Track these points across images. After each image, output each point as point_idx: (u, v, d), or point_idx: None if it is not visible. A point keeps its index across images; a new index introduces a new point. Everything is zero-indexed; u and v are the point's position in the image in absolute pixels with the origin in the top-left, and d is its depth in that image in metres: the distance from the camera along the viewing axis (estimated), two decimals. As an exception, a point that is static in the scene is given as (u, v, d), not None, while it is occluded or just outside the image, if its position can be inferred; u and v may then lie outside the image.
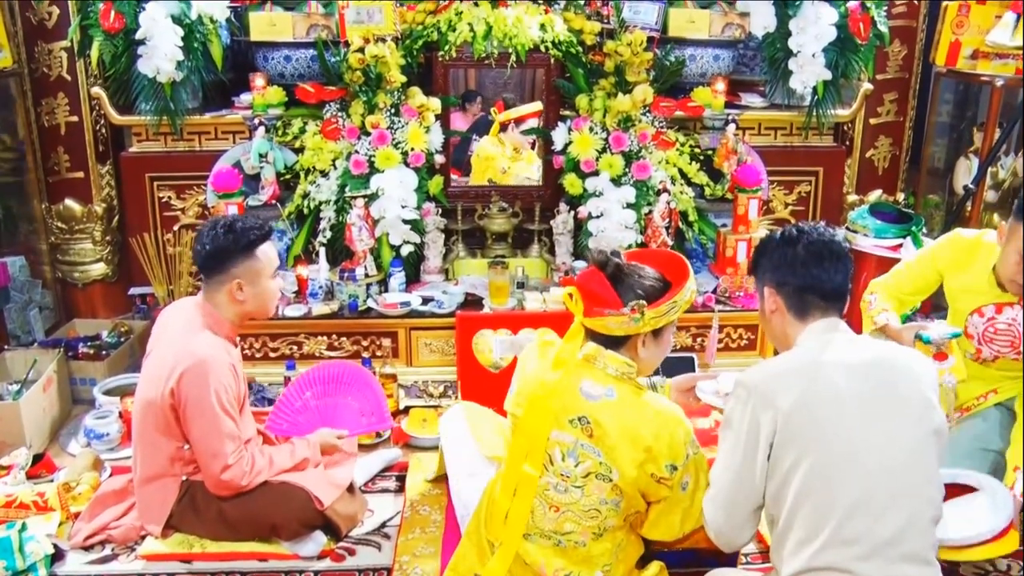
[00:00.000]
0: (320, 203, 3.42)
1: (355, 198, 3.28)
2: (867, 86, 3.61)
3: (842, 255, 1.82)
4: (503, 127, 3.50)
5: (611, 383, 1.86)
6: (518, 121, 3.57)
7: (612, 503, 1.88)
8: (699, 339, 3.36)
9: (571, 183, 3.44)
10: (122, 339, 3.48)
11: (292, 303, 3.32)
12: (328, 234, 3.41)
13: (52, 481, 2.65)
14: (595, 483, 1.86)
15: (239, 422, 2.27)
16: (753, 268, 1.96)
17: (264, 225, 2.34)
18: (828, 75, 3.42)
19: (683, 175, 3.53)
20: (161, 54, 3.21)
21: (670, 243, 3.37)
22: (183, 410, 2.21)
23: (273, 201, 3.47)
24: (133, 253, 3.51)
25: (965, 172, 3.84)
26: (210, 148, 3.54)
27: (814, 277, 1.81)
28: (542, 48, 3.37)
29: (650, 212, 3.39)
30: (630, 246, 3.34)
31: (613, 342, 1.87)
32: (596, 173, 3.41)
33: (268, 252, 2.34)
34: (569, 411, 1.82)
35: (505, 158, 3.59)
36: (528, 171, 3.55)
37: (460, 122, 3.59)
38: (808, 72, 3.41)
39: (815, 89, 3.45)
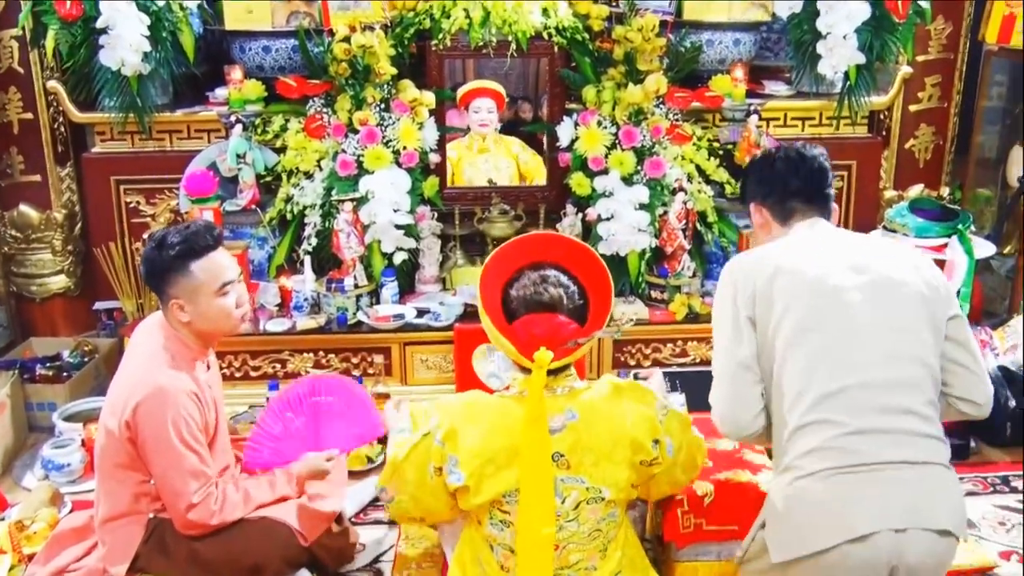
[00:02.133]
0: (304, 208, 3.57)
1: (342, 202, 3.42)
2: (906, 69, 3.76)
3: (815, 162, 2.18)
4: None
5: (566, 404, 1.99)
6: (519, 118, 3.76)
7: (610, 517, 2.05)
8: None
9: (578, 183, 3.59)
10: (85, 359, 3.55)
11: (275, 317, 3.47)
12: (313, 241, 3.55)
13: (3, 519, 2.65)
14: (588, 509, 2.01)
15: (205, 456, 2.30)
16: (742, 194, 2.33)
17: (201, 235, 2.34)
18: (861, 58, 3.54)
19: (701, 172, 3.68)
20: (125, 44, 3.33)
21: (687, 246, 3.57)
22: (141, 445, 2.25)
23: (252, 206, 3.63)
24: (98, 264, 3.67)
25: (1020, 162, 3.93)
26: (182, 148, 3.72)
27: (792, 184, 2.16)
28: (545, 35, 3.52)
29: (665, 213, 3.54)
30: (643, 251, 3.56)
31: (558, 369, 2.00)
32: (605, 172, 3.56)
33: (207, 266, 2.34)
34: (547, 457, 1.96)
35: (472, 154, 3.83)
36: (505, 169, 3.79)
37: (457, 118, 3.79)
38: (839, 55, 3.53)
39: (847, 74, 3.58)
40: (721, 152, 3.74)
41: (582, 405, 1.99)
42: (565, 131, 3.62)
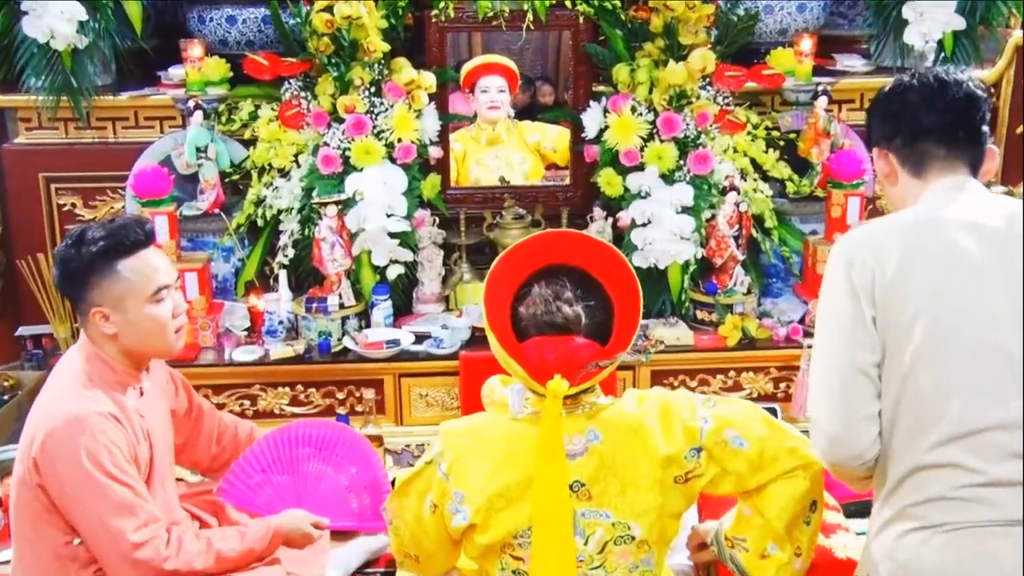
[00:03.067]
0: (279, 212, 3.71)
1: (325, 205, 3.52)
2: (1018, 35, 3.83)
3: (962, 91, 2.04)
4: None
5: (587, 424, 2.08)
6: (536, 102, 3.91)
7: (644, 564, 2.11)
8: (783, 384, 3.65)
9: (608, 181, 3.72)
10: (5, 396, 3.63)
11: (243, 344, 3.59)
12: (290, 253, 3.67)
13: None
14: (616, 552, 2.09)
15: (140, 490, 2.30)
16: (868, 135, 2.23)
17: (130, 230, 2.38)
18: (961, 23, 3.63)
19: (757, 167, 3.80)
20: (55, 12, 3.44)
21: (740, 257, 3.69)
22: (56, 490, 2.25)
23: (216, 210, 3.76)
24: (22, 280, 3.79)
25: None
26: (129, 139, 3.88)
27: (926, 120, 2.04)
28: (568, 3, 3.67)
29: (713, 217, 3.65)
30: (687, 263, 3.67)
31: (578, 392, 2.08)
32: (641, 167, 3.68)
33: (137, 266, 2.38)
34: (564, 489, 2.03)
35: (480, 147, 3.96)
36: (519, 165, 3.93)
37: (462, 103, 3.96)
38: (931, 21, 3.60)
39: (941, 43, 3.68)
40: (782, 143, 3.87)
41: (605, 423, 2.08)
42: (592, 119, 3.74)
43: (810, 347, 3.05)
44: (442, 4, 3.66)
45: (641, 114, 3.70)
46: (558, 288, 2.08)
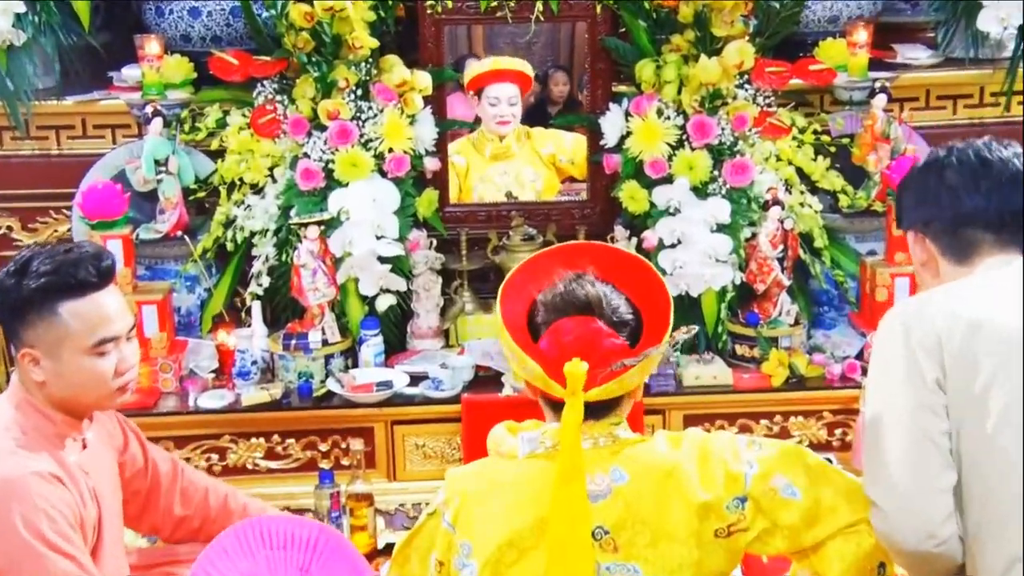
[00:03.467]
0: (252, 234, 3.71)
1: (305, 226, 3.52)
2: None
3: (1006, 169, 2.04)
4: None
5: (611, 460, 2.06)
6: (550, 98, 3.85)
7: None
8: (839, 431, 3.59)
9: (631, 195, 3.70)
10: None
11: (210, 388, 3.55)
12: (264, 281, 3.67)
13: None
14: None
15: (85, 563, 2.28)
16: (897, 214, 2.24)
17: (83, 265, 2.34)
18: None
19: (804, 178, 3.77)
20: None
21: (786, 282, 3.66)
22: None
23: (178, 233, 3.74)
24: None
25: None
26: (75, 151, 3.87)
27: (970, 205, 2.04)
28: None
29: (754, 237, 3.64)
30: (724, 290, 3.66)
31: (602, 407, 2.08)
32: (669, 179, 3.67)
33: (83, 311, 2.34)
34: (585, 531, 2.00)
35: (485, 160, 3.95)
36: (531, 181, 3.95)
37: (462, 106, 3.93)
38: (1009, 3, 3.60)
39: (1021, 29, 3.67)
40: (833, 149, 3.86)
41: (632, 461, 2.06)
42: (612, 124, 3.73)
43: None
44: None
45: (669, 118, 3.68)
46: (580, 273, 2.11)
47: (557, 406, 2.03)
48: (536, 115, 4.20)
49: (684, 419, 3.56)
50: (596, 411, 2.05)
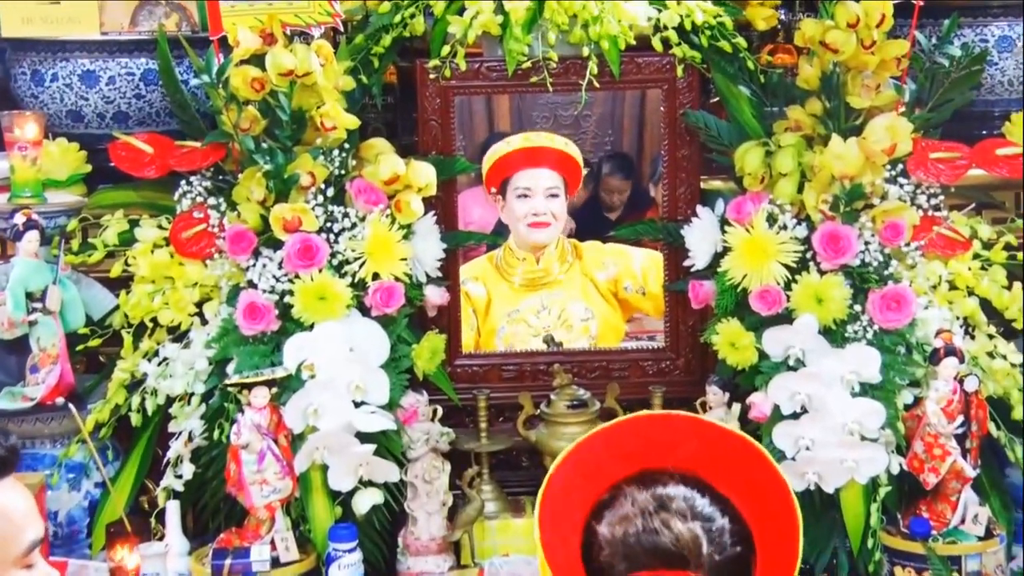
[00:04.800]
0: (169, 401, 3.55)
1: (249, 388, 3.36)
2: None
3: None
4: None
5: None
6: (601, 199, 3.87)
7: None
8: None
9: (731, 340, 3.55)
10: None
11: None
12: (187, 471, 3.53)
13: None
14: None
15: None
16: None
17: None
18: None
19: (993, 314, 3.67)
20: None
21: (971, 473, 3.48)
22: None
23: (58, 400, 3.60)
24: None
25: None
26: None
27: None
28: (657, 42, 3.61)
29: (918, 403, 3.51)
30: (874, 484, 3.51)
31: None
32: (787, 317, 3.52)
33: None
34: None
35: (513, 290, 3.90)
36: (581, 322, 3.91)
37: (481, 210, 3.81)
38: None
39: None
40: None
41: None
42: (701, 236, 3.64)
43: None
44: (449, 47, 3.58)
45: (785, 226, 3.55)
46: (665, 493, 2.04)
47: None
48: (589, 223, 4.06)
49: None
50: None
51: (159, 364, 3.60)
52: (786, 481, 2.08)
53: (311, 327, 3.50)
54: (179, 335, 3.63)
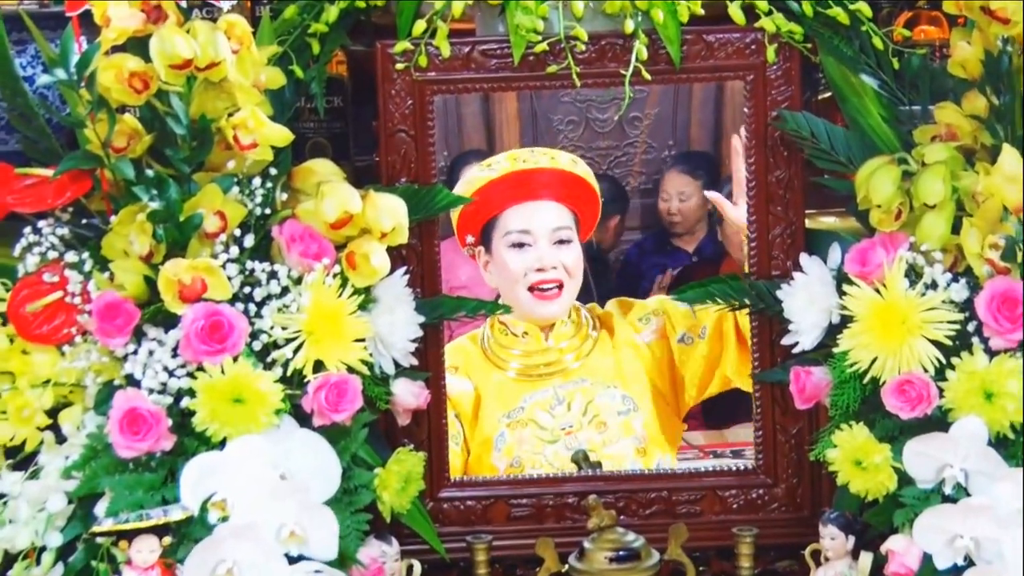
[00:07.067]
0: (9, 558, 3.20)
1: (127, 537, 2.95)
2: None
3: None
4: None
5: None
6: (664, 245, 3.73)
7: None
8: None
9: (856, 456, 3.11)
10: None
11: None
12: None
13: None
14: None
15: None
16: None
17: None
18: None
19: None
20: None
21: None
22: None
23: None
24: None
25: None
26: None
27: None
28: (736, 13, 3.38)
29: None
30: None
31: None
32: (940, 420, 3.09)
33: None
34: None
35: (520, 383, 3.55)
36: (619, 425, 3.60)
37: (468, 269, 3.56)
38: None
39: None
40: None
41: None
42: (807, 301, 3.23)
43: None
44: (421, 26, 3.24)
45: (935, 285, 3.08)
46: None
47: None
48: (624, 286, 3.79)
49: None
50: None
51: (-5, 505, 3.34)
52: None
53: (222, 444, 3.01)
54: (22, 459, 3.19)
